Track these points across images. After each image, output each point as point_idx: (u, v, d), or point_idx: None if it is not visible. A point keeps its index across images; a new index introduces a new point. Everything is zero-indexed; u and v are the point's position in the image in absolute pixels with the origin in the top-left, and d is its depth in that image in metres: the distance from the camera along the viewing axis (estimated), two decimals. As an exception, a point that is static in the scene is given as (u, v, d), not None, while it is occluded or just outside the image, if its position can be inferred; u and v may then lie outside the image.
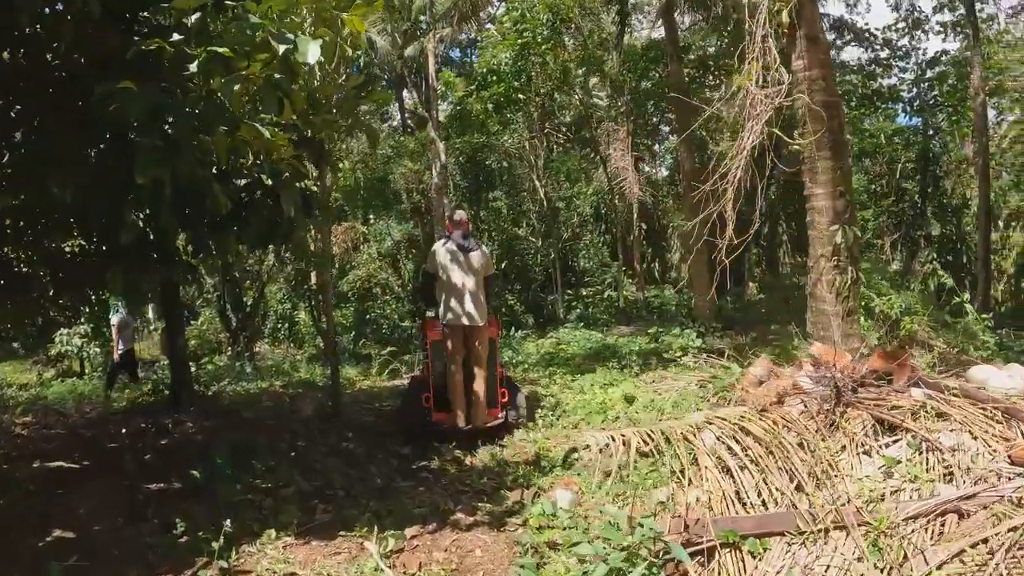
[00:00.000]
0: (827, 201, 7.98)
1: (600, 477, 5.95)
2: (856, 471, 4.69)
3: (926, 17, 23.51)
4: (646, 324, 17.19)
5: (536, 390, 10.14)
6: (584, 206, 23.96)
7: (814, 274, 8.21)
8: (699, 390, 7.94)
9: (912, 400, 5.17)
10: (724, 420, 5.76)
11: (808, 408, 5.46)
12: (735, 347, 12.49)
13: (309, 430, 8.30)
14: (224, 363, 15.04)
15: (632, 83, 20.22)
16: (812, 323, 8.29)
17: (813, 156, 7.95)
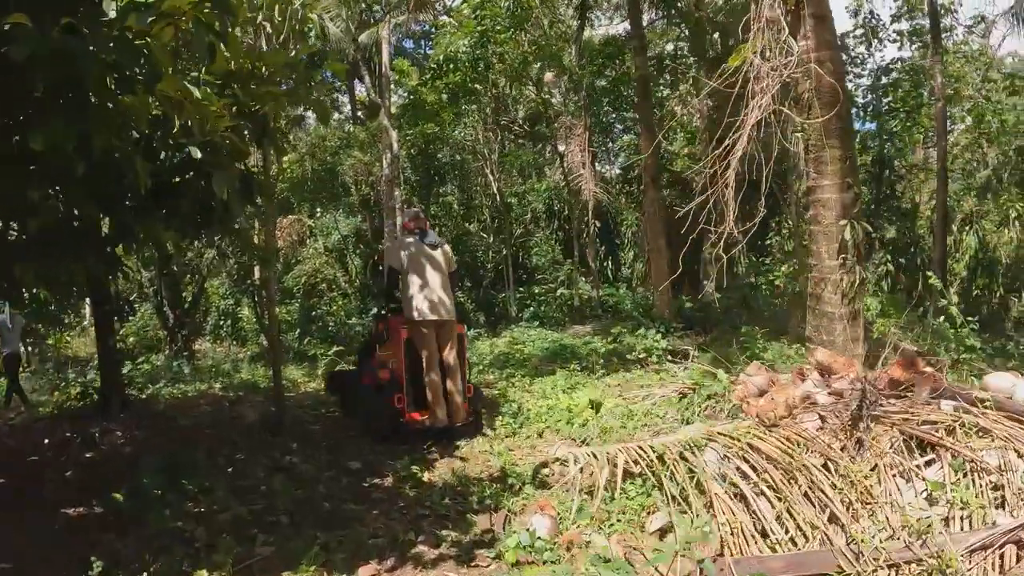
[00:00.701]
0: (834, 194, 7.31)
1: (579, 499, 5.20)
2: (895, 497, 4.04)
3: (884, 25, 23.37)
4: (602, 323, 16.59)
5: (493, 394, 9.39)
6: (537, 202, 23.25)
7: (817, 273, 7.55)
8: (679, 399, 7.21)
9: (944, 414, 4.55)
10: (727, 437, 5.07)
11: (828, 423, 4.80)
12: (699, 348, 11.91)
13: (250, 441, 7.48)
14: (161, 362, 13.97)
15: (589, 79, 19.56)
16: (813, 326, 7.65)
17: (820, 144, 7.27)
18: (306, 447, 7.30)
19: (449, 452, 7.11)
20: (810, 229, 7.71)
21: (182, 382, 12.31)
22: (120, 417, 8.76)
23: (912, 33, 22.70)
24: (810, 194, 7.62)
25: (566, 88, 21.02)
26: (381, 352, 8.06)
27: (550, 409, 8.32)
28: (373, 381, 7.87)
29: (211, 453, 6.95)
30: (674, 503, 4.68)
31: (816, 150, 7.31)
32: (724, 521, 4.24)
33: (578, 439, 7.18)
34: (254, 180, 5.90)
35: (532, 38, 17.15)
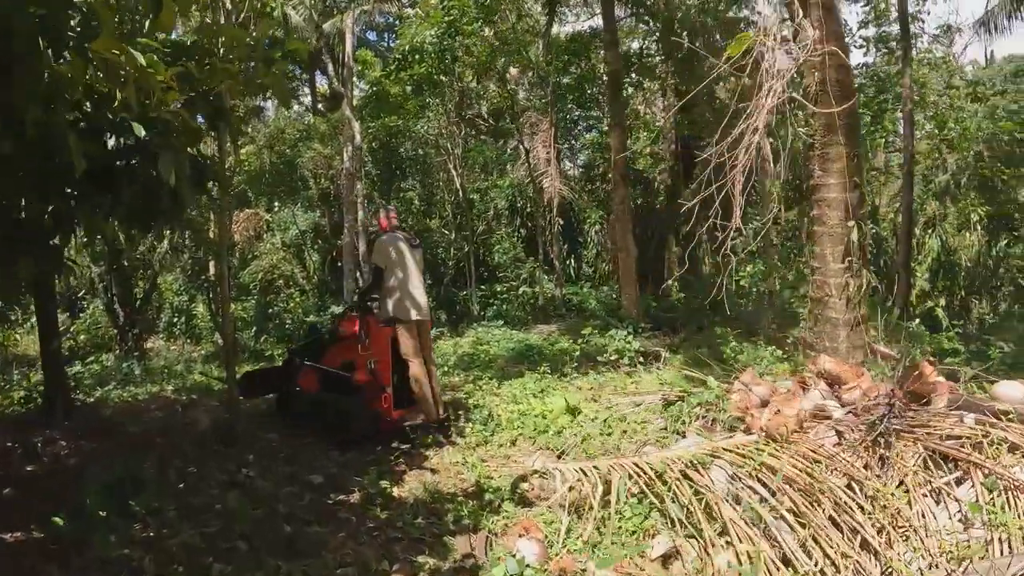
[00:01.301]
0: (840, 193, 6.86)
1: (568, 519, 4.71)
2: (928, 520, 3.62)
3: (850, 30, 23.25)
4: (567, 322, 16.13)
5: (460, 397, 8.86)
6: (499, 199, 22.73)
7: (820, 277, 7.10)
8: (665, 407, 6.74)
9: (967, 428, 4.15)
10: (735, 453, 4.60)
11: (846, 439, 4.36)
12: (669, 349, 11.52)
13: (203, 452, 6.84)
14: (112, 363, 13.14)
15: (555, 76, 19.09)
16: (815, 332, 7.21)
17: (827, 140, 6.81)
18: (263, 458, 6.69)
19: (418, 463, 6.57)
20: (813, 230, 7.26)
21: (132, 384, 11.56)
22: (65, 424, 8.04)
23: (879, 40, 22.65)
24: (814, 193, 7.16)
25: (530, 84, 20.55)
26: (363, 352, 7.51)
27: (522, 415, 7.83)
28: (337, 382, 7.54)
29: (161, 466, 6.33)
30: (677, 527, 4.20)
31: (823, 146, 6.86)
32: (743, 550, 3.77)
33: (556, 448, 6.72)
34: (207, 166, 5.30)
35: (499, 31, 16.61)
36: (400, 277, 7.38)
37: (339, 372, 7.66)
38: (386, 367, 7.43)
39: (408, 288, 7.38)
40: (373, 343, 7.50)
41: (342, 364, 7.70)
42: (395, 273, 7.37)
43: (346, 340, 7.75)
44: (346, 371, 7.60)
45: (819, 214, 7.07)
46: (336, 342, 7.91)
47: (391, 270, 7.37)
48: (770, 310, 14.10)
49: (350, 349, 7.66)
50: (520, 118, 19.50)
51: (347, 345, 7.71)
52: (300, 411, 7.99)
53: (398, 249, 7.43)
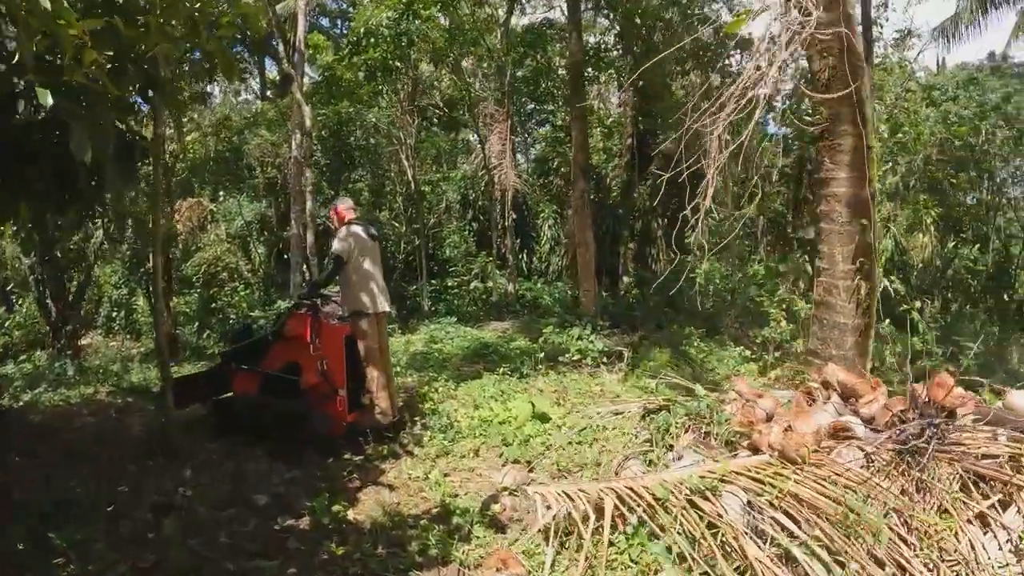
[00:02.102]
0: (850, 188, 6.32)
1: (551, 551, 4.10)
2: (978, 551, 3.11)
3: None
4: (521, 319, 15.55)
5: (415, 401, 8.20)
6: (451, 191, 22.00)
7: (827, 278, 6.55)
8: (644, 417, 6.16)
9: (1003, 445, 3.67)
10: (747, 477, 4.04)
11: (876, 460, 3.83)
12: (631, 348, 11.00)
13: (136, 466, 6.07)
14: (45, 362, 12.11)
15: (511, 67, 18.43)
16: (820, 338, 6.64)
17: (835, 130, 6.27)
18: (202, 473, 5.98)
19: (373, 479, 5.92)
20: (819, 227, 6.70)
21: (65, 385, 10.62)
22: None
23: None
24: (822, 187, 6.61)
25: (485, 75, 19.88)
26: (313, 352, 6.83)
27: (484, 422, 7.26)
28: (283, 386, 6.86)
29: (90, 484, 5.60)
30: (687, 564, 3.63)
31: (832, 137, 6.30)
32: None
33: (524, 460, 6.12)
34: (137, 143, 4.54)
35: (456, 18, 15.88)
36: (364, 268, 7.00)
37: (284, 375, 6.98)
38: (340, 367, 6.86)
39: (373, 280, 7.04)
40: (324, 342, 6.88)
41: (286, 366, 7.04)
42: (358, 264, 6.97)
43: (293, 340, 7.03)
44: (291, 373, 6.95)
45: (827, 210, 6.52)
46: (280, 342, 7.16)
47: (355, 261, 6.95)
48: (732, 308, 13.71)
49: (297, 349, 6.97)
50: (475, 108, 18.77)
51: (294, 345, 7.01)
52: (239, 420, 7.20)
53: (361, 239, 7.03)
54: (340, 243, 6.95)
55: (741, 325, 13.28)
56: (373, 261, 7.12)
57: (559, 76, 21.51)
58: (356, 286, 6.93)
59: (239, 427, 7.08)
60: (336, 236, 7.10)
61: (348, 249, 6.90)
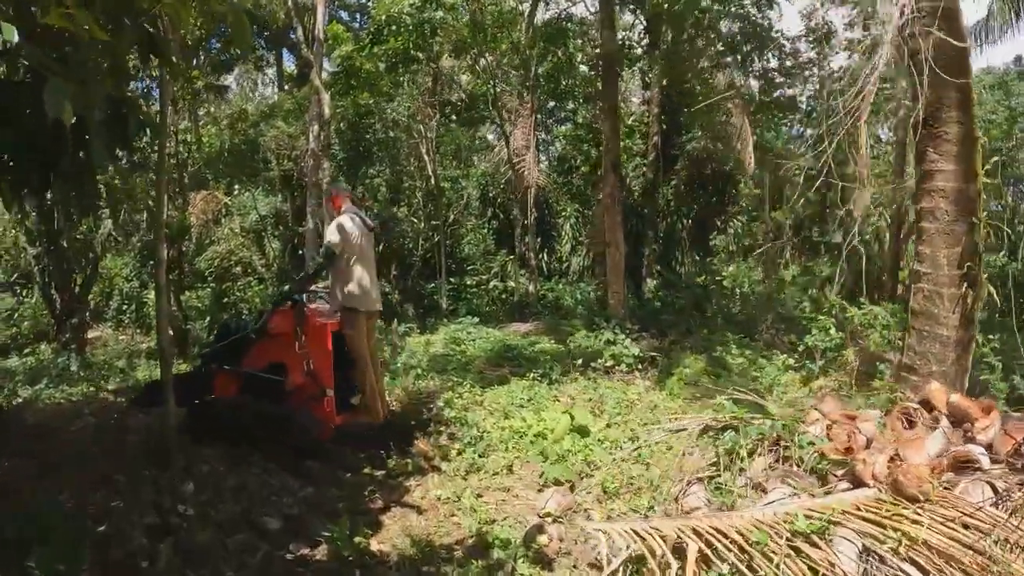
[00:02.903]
0: (956, 182, 5.52)
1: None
2: None
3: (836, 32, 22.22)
4: (544, 321, 14.83)
5: (438, 407, 7.47)
6: (470, 188, 21.28)
7: (928, 284, 5.72)
8: (703, 435, 5.39)
9: None
10: (858, 517, 3.29)
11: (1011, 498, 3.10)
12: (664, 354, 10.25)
13: (133, 478, 5.34)
14: (49, 356, 11.44)
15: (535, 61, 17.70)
16: (918, 352, 5.80)
17: (939, 116, 5.45)
18: (205, 488, 5.25)
19: (398, 499, 5.20)
20: (920, 227, 5.86)
21: (68, 382, 9.97)
22: None
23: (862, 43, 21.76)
24: (924, 181, 5.76)
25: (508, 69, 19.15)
26: (299, 350, 6.18)
27: (516, 434, 6.53)
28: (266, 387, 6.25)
29: (79, 498, 4.89)
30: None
31: (936, 124, 5.48)
32: None
33: (565, 479, 5.38)
34: (132, 110, 3.83)
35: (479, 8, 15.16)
36: (357, 262, 6.42)
37: (268, 375, 6.31)
38: (327, 367, 6.28)
39: (366, 275, 6.46)
40: (311, 340, 6.25)
41: (270, 366, 6.38)
42: (353, 257, 6.39)
43: (277, 337, 6.35)
44: (276, 373, 6.30)
45: (930, 207, 5.68)
46: (264, 340, 6.46)
47: (348, 253, 6.37)
48: (767, 313, 12.92)
49: (281, 347, 6.32)
50: (499, 102, 18.02)
51: (278, 343, 6.35)
52: (219, 424, 6.48)
53: (356, 231, 6.47)
54: (334, 234, 6.32)
55: (777, 331, 12.50)
56: (367, 255, 6.59)
57: (580, 73, 20.82)
58: (348, 282, 6.35)
59: (218, 431, 6.38)
60: (329, 225, 6.50)
61: (342, 241, 6.28)
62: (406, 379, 8.89)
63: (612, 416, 7.11)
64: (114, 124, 3.70)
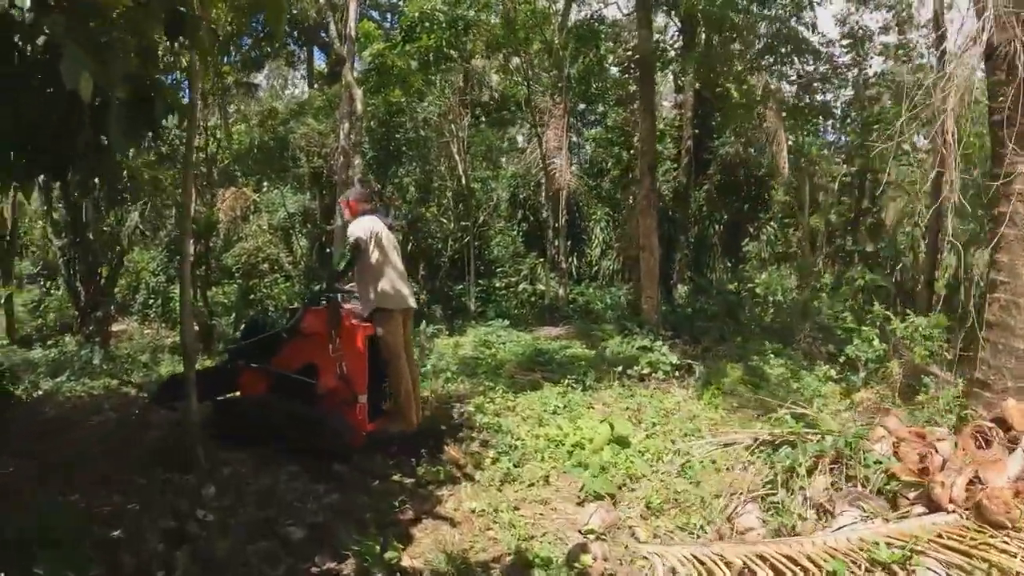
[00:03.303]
0: None
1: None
2: None
3: (870, 37, 21.72)
4: (574, 325, 14.49)
5: (469, 412, 7.17)
6: (500, 189, 20.98)
7: (1006, 294, 5.28)
8: (754, 449, 5.03)
9: None
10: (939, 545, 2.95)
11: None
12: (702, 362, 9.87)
13: (150, 479, 5.10)
14: (71, 349, 11.25)
15: (568, 61, 17.39)
16: (992, 366, 5.36)
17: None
18: (227, 492, 4.98)
19: (429, 509, 4.89)
20: (998, 232, 5.41)
21: (90, 375, 9.77)
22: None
23: (899, 47, 21.30)
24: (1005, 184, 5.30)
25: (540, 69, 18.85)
26: (332, 352, 5.85)
27: (553, 442, 6.20)
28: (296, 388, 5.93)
29: (93, 499, 4.67)
30: None
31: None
32: None
33: (606, 492, 5.05)
34: (159, 92, 3.55)
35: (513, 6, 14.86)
36: (385, 259, 6.12)
37: (299, 376, 5.98)
38: (361, 370, 5.97)
39: (395, 272, 6.16)
40: (345, 342, 5.92)
41: (301, 367, 6.05)
42: (379, 255, 6.07)
43: (310, 338, 6.03)
44: (307, 375, 5.96)
45: (1009, 211, 5.21)
46: (296, 339, 6.14)
47: (373, 251, 6.03)
48: (804, 322, 12.48)
49: (314, 349, 6.00)
50: (532, 102, 17.70)
51: (311, 344, 6.03)
52: (244, 423, 6.20)
53: (378, 230, 6.11)
54: (357, 228, 6.01)
55: (814, 341, 12.06)
56: (394, 253, 6.28)
57: (611, 76, 20.51)
58: (378, 281, 6.04)
59: (243, 431, 6.11)
60: (350, 224, 6.16)
61: (367, 237, 5.97)
62: (435, 382, 8.61)
63: (651, 426, 6.78)
64: (138, 106, 3.43)
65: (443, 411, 7.22)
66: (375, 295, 5.99)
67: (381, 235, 6.08)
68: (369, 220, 6.10)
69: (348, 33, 14.24)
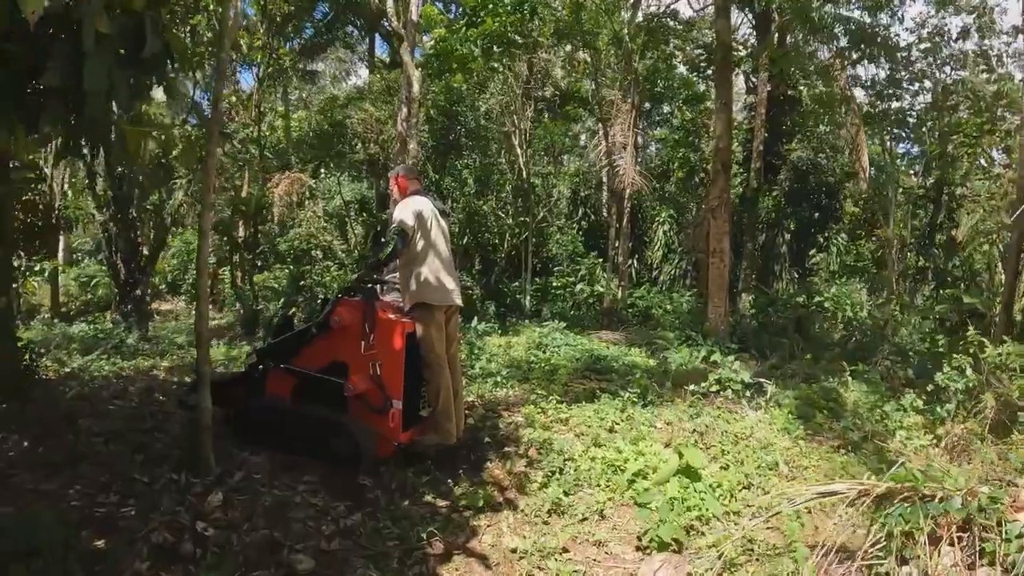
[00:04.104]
0: None
1: None
2: None
3: (948, 42, 20.33)
4: (633, 330, 13.65)
5: (518, 423, 6.41)
6: (561, 185, 20.18)
7: None
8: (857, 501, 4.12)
9: None
10: None
11: None
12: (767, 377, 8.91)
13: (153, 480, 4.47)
14: (107, 327, 10.82)
15: (637, 54, 16.49)
16: None
17: None
18: (234, 503, 4.30)
19: (463, 544, 4.14)
20: None
21: (123, 354, 9.30)
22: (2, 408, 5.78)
23: (979, 55, 19.90)
24: None
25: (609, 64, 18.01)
26: (365, 350, 5.13)
27: (610, 467, 5.38)
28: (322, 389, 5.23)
29: (90, 499, 4.14)
30: None
31: None
32: None
33: (672, 537, 4.22)
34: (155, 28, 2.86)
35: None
36: (431, 248, 5.37)
37: (326, 376, 5.26)
38: (397, 372, 5.18)
39: (440, 263, 5.40)
40: (381, 339, 5.16)
41: (330, 365, 5.31)
42: (424, 243, 5.34)
43: (341, 333, 5.27)
44: (335, 374, 5.21)
45: None
46: (325, 334, 5.38)
47: (419, 238, 5.32)
48: (883, 342, 11.41)
49: (345, 345, 5.25)
50: (599, 94, 16.85)
51: (341, 339, 5.27)
52: (264, 429, 5.48)
53: (427, 214, 5.37)
54: (403, 211, 5.25)
55: (892, 364, 10.98)
56: (442, 242, 5.50)
57: (678, 75, 19.62)
58: (421, 272, 5.30)
59: (258, 434, 5.42)
60: (396, 207, 5.39)
61: (415, 221, 5.22)
62: (483, 386, 7.88)
63: (721, 453, 5.92)
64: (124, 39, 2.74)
65: (489, 420, 6.48)
66: (416, 287, 5.26)
67: (429, 219, 5.34)
68: (418, 201, 5.36)
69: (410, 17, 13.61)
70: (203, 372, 4.85)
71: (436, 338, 5.28)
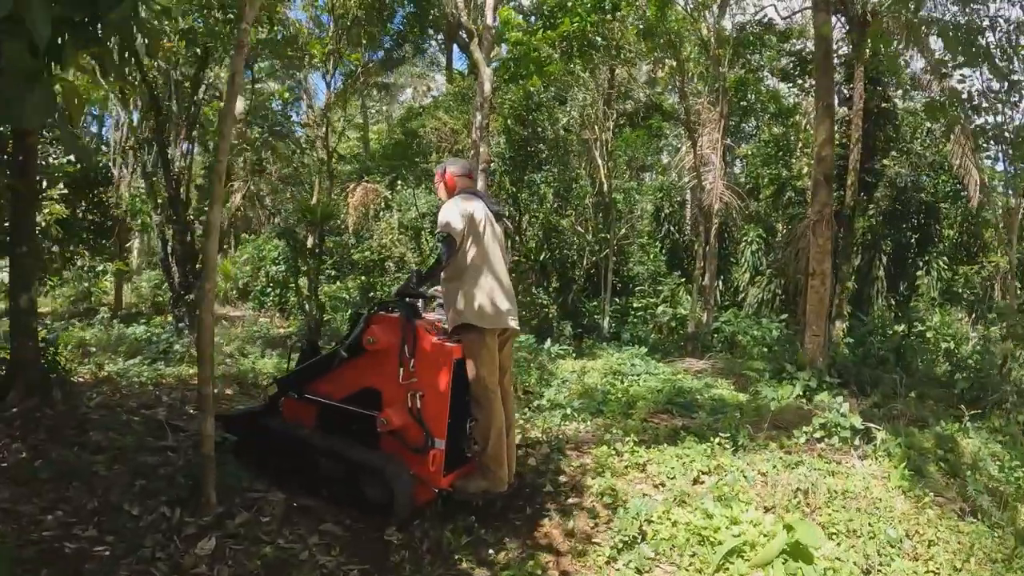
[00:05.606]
0: None
1: None
2: None
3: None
4: (719, 358, 12.41)
5: (585, 468, 5.36)
6: (644, 201, 19.05)
7: None
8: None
9: None
10: None
11: None
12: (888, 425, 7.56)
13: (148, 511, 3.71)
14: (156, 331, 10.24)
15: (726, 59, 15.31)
16: None
17: None
18: (227, 558, 3.43)
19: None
20: None
21: (167, 360, 8.66)
22: (12, 411, 5.09)
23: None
24: None
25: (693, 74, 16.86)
26: (404, 378, 4.16)
27: (696, 537, 4.26)
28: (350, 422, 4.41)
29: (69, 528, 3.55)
30: None
31: None
32: None
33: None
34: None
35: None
36: (483, 259, 4.38)
37: (354, 407, 4.37)
38: (442, 406, 4.18)
39: (493, 278, 4.38)
40: (423, 365, 4.19)
41: (360, 393, 4.39)
42: (475, 252, 4.35)
43: (375, 356, 4.32)
44: (367, 406, 4.30)
45: None
46: (356, 358, 4.43)
47: (469, 246, 4.33)
48: (1004, 384, 9.83)
49: (378, 370, 4.31)
50: (686, 103, 15.69)
51: (375, 363, 4.33)
52: (283, 463, 4.60)
53: (479, 217, 4.38)
54: (450, 213, 4.25)
55: (1012, 408, 9.43)
56: (495, 252, 4.47)
57: (767, 88, 18.32)
58: (468, 288, 4.31)
59: (281, 472, 4.54)
60: (443, 208, 4.36)
61: (462, 226, 4.24)
62: (549, 419, 6.83)
63: (831, 523, 4.73)
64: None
65: (552, 463, 5.45)
66: (464, 304, 4.25)
67: (481, 223, 4.35)
68: (467, 203, 4.36)
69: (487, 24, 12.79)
70: (205, 394, 4.00)
71: (487, 368, 4.27)
